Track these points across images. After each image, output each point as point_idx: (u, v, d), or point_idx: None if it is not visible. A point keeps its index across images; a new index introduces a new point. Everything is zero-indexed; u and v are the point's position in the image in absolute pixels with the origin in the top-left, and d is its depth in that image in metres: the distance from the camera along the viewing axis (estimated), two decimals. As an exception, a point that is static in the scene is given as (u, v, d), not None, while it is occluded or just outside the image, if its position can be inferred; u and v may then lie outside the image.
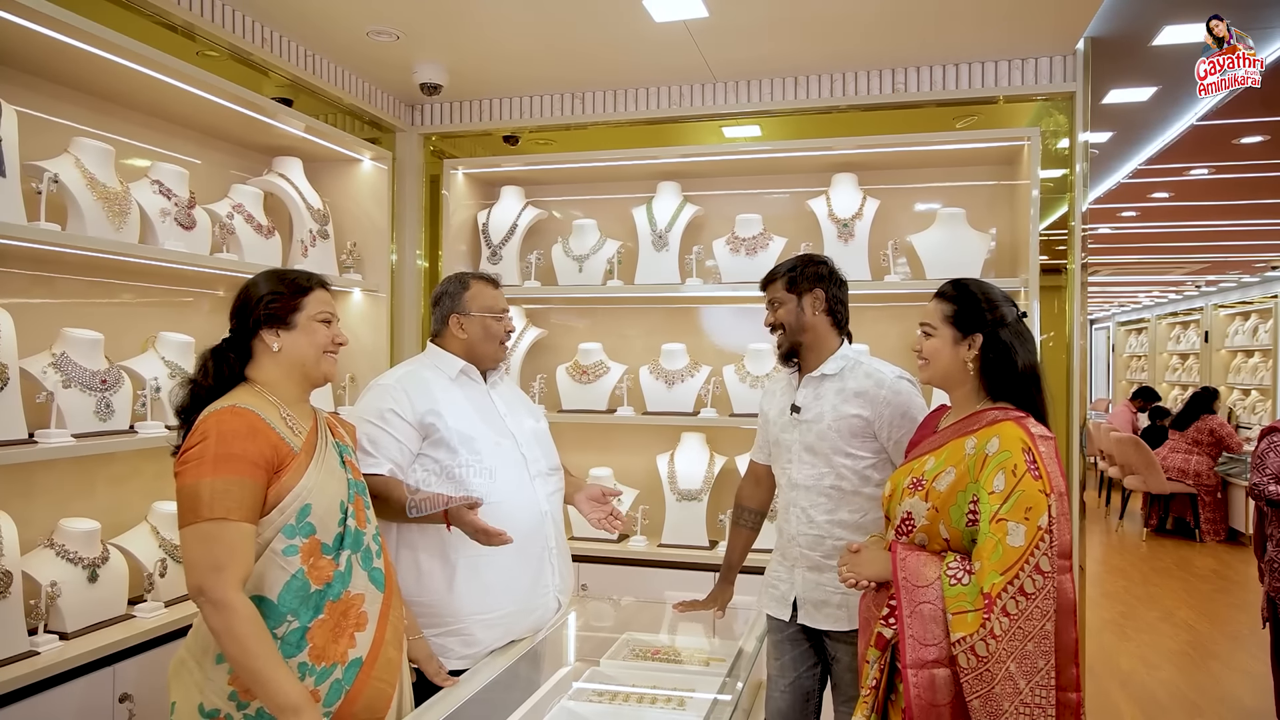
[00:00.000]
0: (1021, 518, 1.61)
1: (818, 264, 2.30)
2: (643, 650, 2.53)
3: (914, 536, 1.82)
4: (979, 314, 1.86)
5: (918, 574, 1.72)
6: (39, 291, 2.48)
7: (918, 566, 1.73)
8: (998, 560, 1.61)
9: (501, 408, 2.30)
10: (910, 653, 1.66)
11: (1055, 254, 3.30)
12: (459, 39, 3.18)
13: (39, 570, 2.19)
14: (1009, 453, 1.67)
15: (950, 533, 1.76)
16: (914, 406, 2.20)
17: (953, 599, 1.65)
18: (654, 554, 3.43)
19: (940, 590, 1.68)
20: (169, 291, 2.91)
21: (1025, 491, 1.63)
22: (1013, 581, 1.59)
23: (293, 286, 1.82)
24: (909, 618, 1.68)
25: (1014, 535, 1.61)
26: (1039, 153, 3.17)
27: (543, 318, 4.00)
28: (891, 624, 1.73)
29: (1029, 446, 1.68)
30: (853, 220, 3.41)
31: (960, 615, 1.63)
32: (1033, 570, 1.59)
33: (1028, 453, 1.67)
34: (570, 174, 3.86)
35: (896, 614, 1.71)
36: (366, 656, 1.74)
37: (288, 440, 1.71)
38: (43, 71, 2.43)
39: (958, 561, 1.70)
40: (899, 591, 1.72)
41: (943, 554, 1.75)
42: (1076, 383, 3.28)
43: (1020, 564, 1.59)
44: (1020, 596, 1.58)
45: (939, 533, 1.78)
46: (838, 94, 3.51)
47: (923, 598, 1.69)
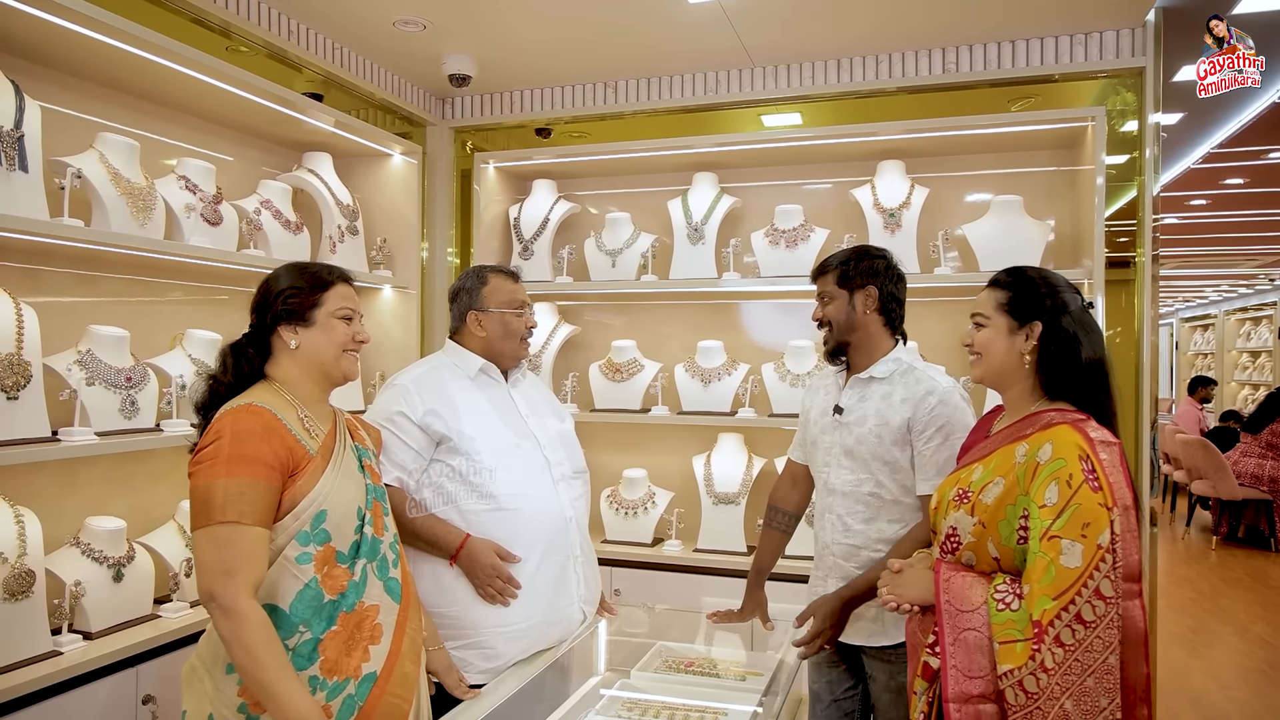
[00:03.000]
0: (1078, 535, 1.44)
1: (874, 257, 2.14)
2: (675, 661, 2.43)
3: (960, 555, 1.66)
4: (1038, 300, 1.68)
5: (962, 598, 1.56)
6: (69, 289, 2.48)
7: (963, 589, 1.57)
8: (1050, 583, 1.44)
9: (523, 408, 2.22)
10: (953, 685, 1.51)
11: (1120, 246, 3.10)
12: (486, 28, 3.11)
13: (64, 569, 2.17)
14: (1063, 460, 1.50)
15: (1000, 551, 1.60)
16: (956, 424, 2.02)
17: (1000, 626, 1.48)
18: (689, 559, 3.32)
19: (987, 616, 1.52)
20: (197, 289, 2.89)
21: (1082, 505, 1.45)
22: (1067, 608, 1.42)
23: (312, 281, 1.76)
24: (952, 646, 1.53)
25: (1069, 555, 1.44)
26: (1104, 135, 2.97)
27: (576, 315, 3.91)
28: (938, 652, 1.58)
29: (1087, 453, 1.50)
30: (900, 210, 3.25)
31: (1008, 645, 1.46)
32: (1092, 595, 1.42)
33: (1085, 460, 1.49)
34: (603, 166, 3.76)
35: (939, 642, 1.56)
36: (381, 671, 1.68)
37: (304, 442, 1.65)
38: (73, 68, 2.42)
39: (1007, 584, 1.53)
40: (941, 617, 1.57)
41: (992, 575, 1.60)
42: (1146, 383, 3.05)
43: (1077, 588, 1.42)
44: (1077, 624, 1.41)
45: (987, 551, 1.62)
46: (883, 76, 3.35)
47: (967, 624, 1.53)
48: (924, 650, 1.63)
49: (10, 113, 2.00)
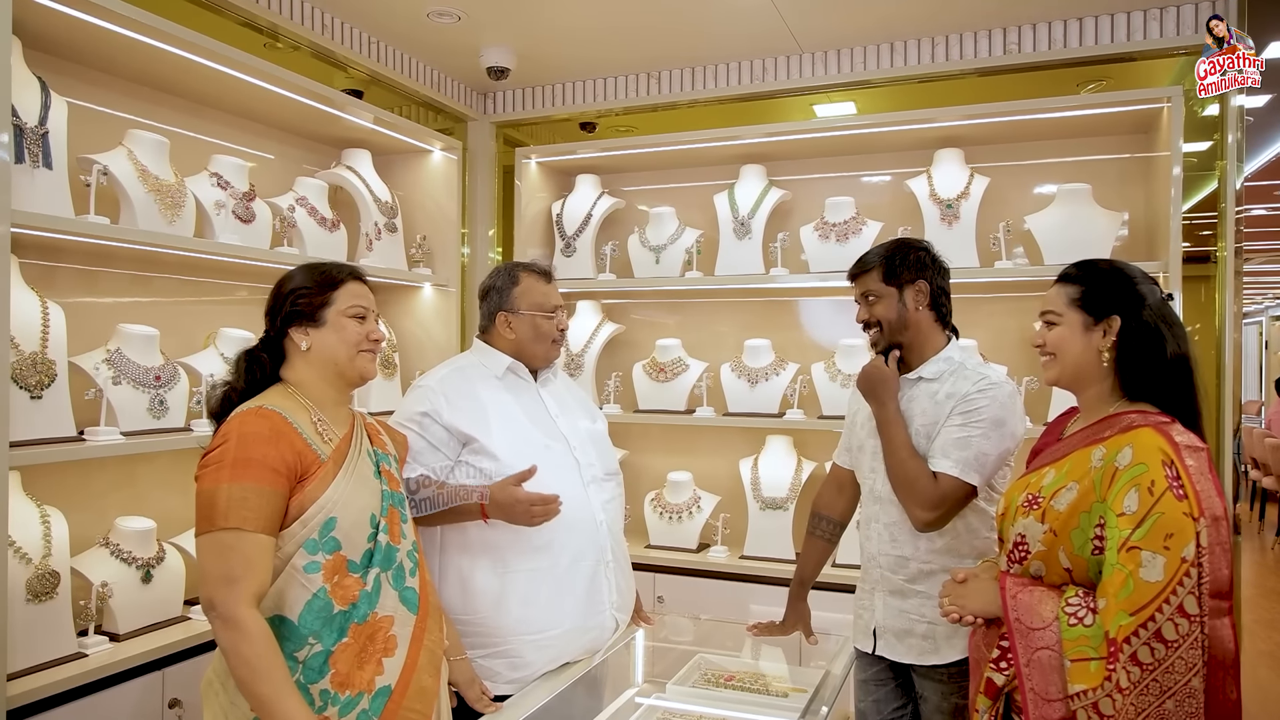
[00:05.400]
0: (1160, 546, 1.32)
1: (918, 249, 2.00)
2: (715, 675, 2.33)
3: (1028, 565, 1.53)
4: (1114, 292, 1.54)
5: (1032, 612, 1.44)
6: (103, 288, 2.48)
7: (1032, 603, 1.45)
8: (1127, 598, 1.32)
9: (553, 408, 2.14)
10: (1033, 710, 1.40)
11: (1200, 239, 2.86)
12: (522, 18, 3.03)
13: (91, 570, 2.16)
14: (1145, 465, 1.37)
15: (1072, 562, 1.47)
16: (987, 416, 1.87)
17: (1072, 643, 1.37)
18: (735, 566, 3.20)
19: (1059, 633, 1.40)
20: (231, 287, 2.88)
21: (1165, 514, 1.33)
22: (1146, 624, 1.30)
23: (322, 280, 1.71)
24: (1026, 667, 1.41)
25: (1149, 568, 1.32)
26: (1181, 118, 2.74)
27: (620, 313, 3.82)
28: (1004, 669, 1.47)
29: (1171, 459, 1.37)
30: (958, 201, 3.07)
31: (1080, 663, 1.35)
32: (1175, 612, 1.30)
33: (1169, 466, 1.36)
34: (648, 160, 3.66)
35: (1013, 661, 1.44)
36: (396, 684, 1.61)
37: (315, 447, 1.60)
38: (109, 65, 2.43)
39: (1079, 597, 1.41)
40: (1012, 635, 1.45)
41: (1063, 588, 1.46)
42: (1229, 384, 2.80)
43: (1158, 604, 1.30)
44: (1156, 643, 1.30)
45: (1058, 561, 1.48)
46: (939, 60, 3.16)
47: (1040, 642, 1.41)
48: (987, 665, 1.50)
49: (35, 110, 2.00)
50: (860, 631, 2.07)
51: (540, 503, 1.89)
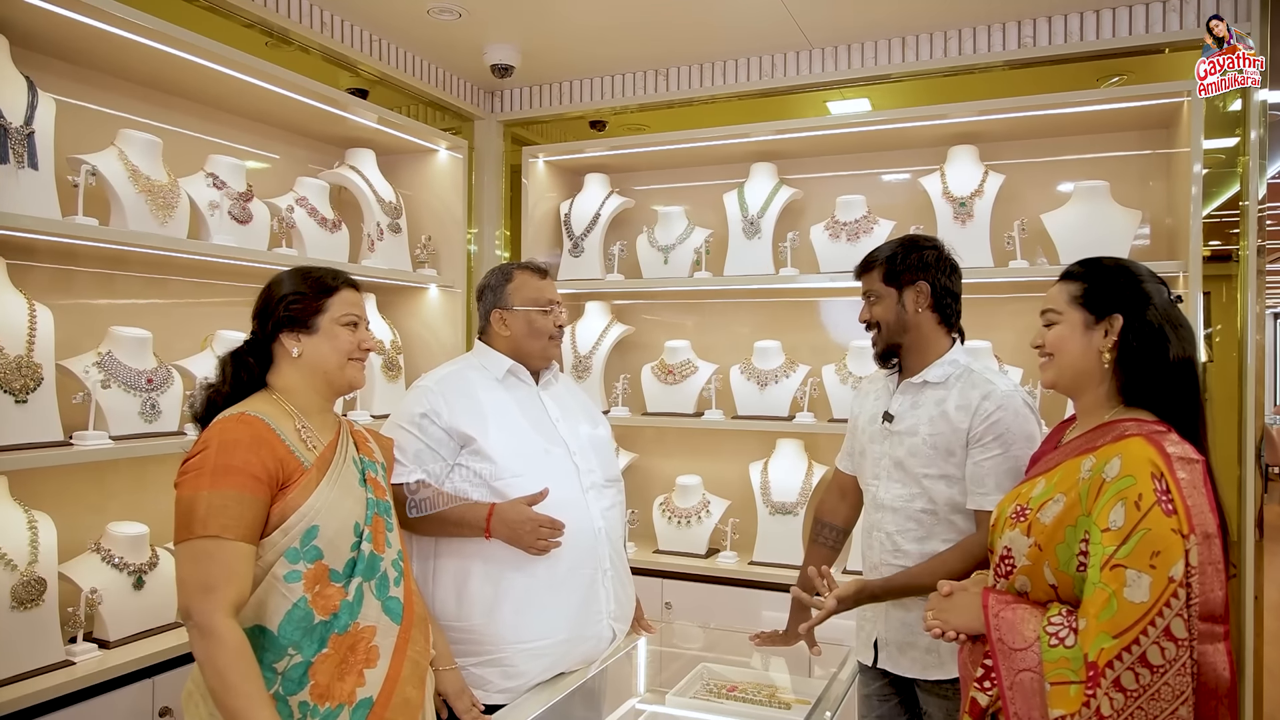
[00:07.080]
0: (1146, 565, 1.25)
1: (923, 248, 1.93)
2: (718, 685, 2.27)
3: (1013, 580, 1.46)
4: (1117, 290, 1.47)
5: (1015, 631, 1.37)
6: (96, 290, 2.45)
7: (1015, 621, 1.38)
8: (1110, 619, 1.25)
9: (554, 412, 2.10)
10: None
11: (1222, 236, 2.76)
12: (526, 15, 2.98)
13: (81, 576, 2.12)
14: (1132, 478, 1.30)
15: (1057, 578, 1.39)
16: (1017, 432, 1.80)
17: (1052, 665, 1.30)
18: (744, 572, 3.13)
19: (1040, 653, 1.33)
20: (229, 289, 2.84)
21: (1152, 530, 1.26)
22: (1130, 648, 1.23)
23: (316, 287, 1.68)
24: (1010, 690, 1.34)
25: (1134, 588, 1.25)
26: (1202, 114, 2.64)
27: (629, 314, 3.76)
28: (987, 689, 1.39)
29: (1162, 471, 1.30)
30: (971, 199, 2.98)
31: (1060, 687, 1.28)
32: (1161, 635, 1.23)
33: (1159, 479, 1.29)
34: (657, 158, 3.60)
35: (996, 683, 1.37)
36: (378, 696, 1.58)
37: (298, 454, 1.57)
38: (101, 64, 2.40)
39: (1063, 616, 1.34)
40: (995, 655, 1.38)
41: (1047, 605, 1.39)
42: (1251, 386, 2.68)
43: (1143, 626, 1.24)
44: (1141, 668, 1.23)
45: (1044, 577, 1.41)
46: (953, 54, 3.08)
47: (1023, 663, 1.34)
48: (972, 685, 1.43)
49: (21, 109, 1.97)
50: (862, 643, 2.01)
51: (549, 525, 1.85)
